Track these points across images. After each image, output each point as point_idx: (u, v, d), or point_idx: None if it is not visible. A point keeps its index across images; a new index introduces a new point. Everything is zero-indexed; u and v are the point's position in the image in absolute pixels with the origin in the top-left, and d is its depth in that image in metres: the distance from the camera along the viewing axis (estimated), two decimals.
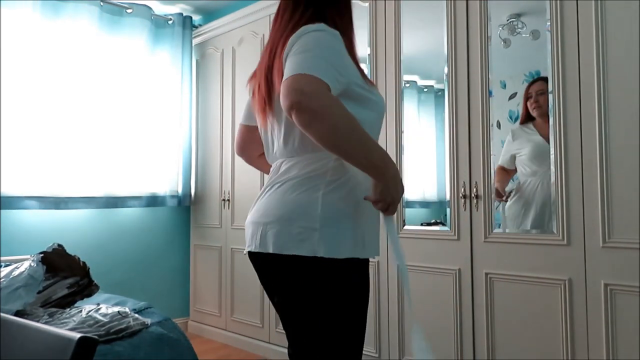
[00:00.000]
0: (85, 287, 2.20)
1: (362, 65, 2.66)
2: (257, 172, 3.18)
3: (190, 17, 3.80)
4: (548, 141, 2.03)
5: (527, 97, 2.13)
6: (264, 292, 1.39)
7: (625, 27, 1.81)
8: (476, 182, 2.19)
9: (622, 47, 1.81)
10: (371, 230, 1.18)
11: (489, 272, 2.14)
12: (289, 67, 1.05)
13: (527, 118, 2.14)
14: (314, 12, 1.20)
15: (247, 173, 3.30)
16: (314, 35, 1.09)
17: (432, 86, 2.48)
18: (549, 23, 2.00)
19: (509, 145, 2.20)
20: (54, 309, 2.01)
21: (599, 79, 1.86)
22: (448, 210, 2.29)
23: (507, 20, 2.16)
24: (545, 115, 2.05)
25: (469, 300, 2.20)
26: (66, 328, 1.75)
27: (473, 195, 2.20)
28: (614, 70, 1.83)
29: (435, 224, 2.40)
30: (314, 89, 0.99)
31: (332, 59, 1.07)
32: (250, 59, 3.33)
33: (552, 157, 1.98)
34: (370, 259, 1.47)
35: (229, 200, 3.47)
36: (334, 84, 1.04)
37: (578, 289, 1.89)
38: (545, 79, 2.04)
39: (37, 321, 1.81)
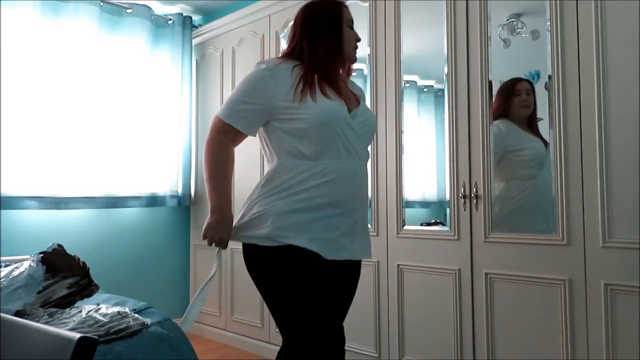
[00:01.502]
0: (85, 287, 2.19)
1: (362, 65, 2.66)
2: (257, 173, 3.18)
3: (190, 17, 3.80)
4: (545, 144, 2.04)
5: (508, 93, 2.13)
6: None
7: (625, 27, 1.81)
8: (476, 182, 2.19)
9: (622, 47, 1.81)
10: (287, 227, 1.37)
11: (489, 272, 2.14)
12: None
13: (502, 114, 2.15)
14: (302, 46, 1.47)
15: (246, 173, 3.29)
16: (246, 76, 1.46)
17: (432, 86, 2.48)
18: (548, 23, 2.00)
19: (502, 140, 2.18)
20: (53, 309, 2.01)
21: (599, 79, 1.86)
22: (448, 210, 2.29)
23: (507, 20, 2.16)
24: (533, 117, 2.08)
25: (469, 300, 2.20)
26: (66, 328, 1.75)
27: (473, 195, 2.20)
28: (614, 70, 1.83)
29: (435, 224, 2.40)
30: (211, 129, 1.44)
31: (244, 97, 1.42)
32: (250, 59, 3.33)
33: (552, 157, 1.98)
34: (368, 260, 1.66)
35: None
36: (237, 117, 1.42)
37: (578, 289, 1.89)
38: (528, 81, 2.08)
39: (37, 321, 1.81)
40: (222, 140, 1.43)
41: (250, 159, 3.20)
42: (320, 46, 1.46)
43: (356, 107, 1.48)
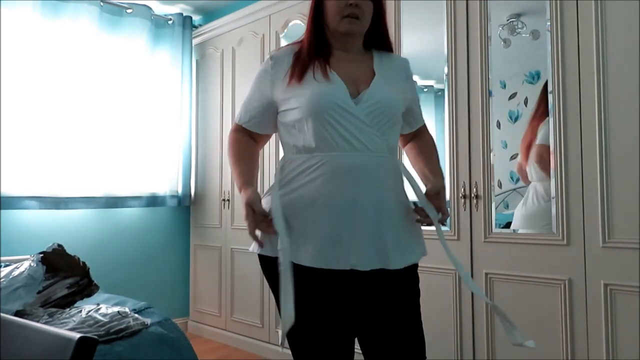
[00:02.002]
0: (85, 287, 2.19)
1: None
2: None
3: (190, 17, 3.80)
4: None
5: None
6: (264, 292, 1.43)
7: (625, 27, 1.81)
8: (476, 182, 2.19)
9: (622, 47, 1.81)
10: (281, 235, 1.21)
11: (489, 272, 2.14)
12: None
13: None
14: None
15: None
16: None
17: (432, 86, 2.48)
18: (549, 23, 2.00)
19: None
20: (53, 309, 2.01)
21: (599, 79, 1.86)
22: (448, 210, 2.29)
23: (507, 20, 2.16)
24: None
25: (469, 300, 2.20)
26: (66, 328, 1.75)
27: (473, 195, 2.20)
28: (614, 70, 1.83)
29: None
30: (229, 132, 1.42)
31: (251, 94, 1.37)
32: (250, 59, 3.33)
33: (552, 157, 1.98)
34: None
35: (229, 200, 3.47)
36: (246, 117, 1.37)
37: (578, 289, 1.89)
38: None
39: (37, 321, 1.81)
40: (235, 135, 1.39)
41: None
42: (308, 24, 1.35)
43: (366, 88, 1.27)
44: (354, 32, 1.31)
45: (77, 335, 0.82)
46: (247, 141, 1.39)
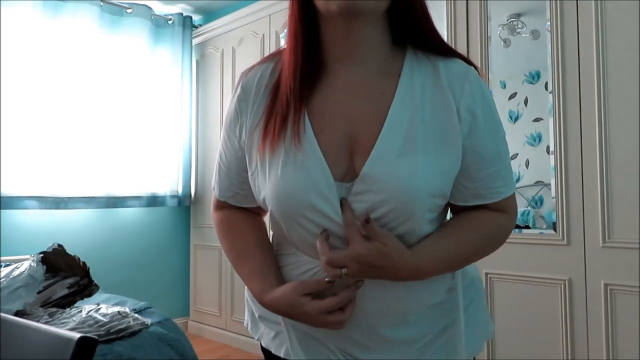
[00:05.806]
0: (85, 287, 2.19)
1: None
2: None
3: (190, 17, 3.80)
4: None
5: None
6: None
7: (625, 27, 1.81)
8: None
9: (622, 47, 1.81)
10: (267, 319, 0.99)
11: (490, 272, 2.14)
12: None
13: None
14: None
15: None
16: None
17: None
18: (549, 23, 2.00)
19: None
20: (54, 309, 2.01)
21: (599, 79, 1.86)
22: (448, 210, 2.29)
23: (507, 20, 2.16)
24: None
25: None
26: (66, 328, 1.75)
27: None
28: (614, 70, 1.83)
29: None
30: (212, 208, 0.98)
31: (223, 156, 0.90)
32: (250, 59, 3.33)
33: (551, 157, 1.98)
34: None
35: None
36: (225, 187, 0.92)
37: (578, 289, 1.89)
38: None
39: (37, 321, 1.81)
40: (220, 215, 0.95)
41: None
42: (290, 19, 0.82)
43: (365, 159, 0.76)
44: (357, 8, 0.73)
45: (77, 335, 0.82)
46: (239, 219, 0.93)
